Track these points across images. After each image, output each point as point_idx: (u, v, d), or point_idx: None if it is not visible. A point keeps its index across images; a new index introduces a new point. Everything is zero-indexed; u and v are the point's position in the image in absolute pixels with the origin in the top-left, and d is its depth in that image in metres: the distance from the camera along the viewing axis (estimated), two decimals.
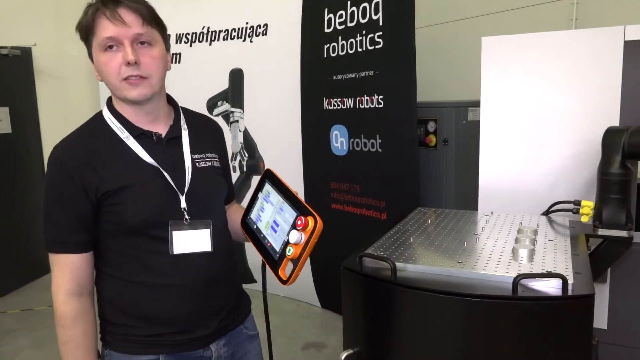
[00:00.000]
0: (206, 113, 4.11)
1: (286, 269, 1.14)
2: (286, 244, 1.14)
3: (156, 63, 1.23)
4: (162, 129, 1.30)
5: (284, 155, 3.81)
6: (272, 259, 1.18)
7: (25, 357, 3.33)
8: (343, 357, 1.30)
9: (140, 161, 1.23)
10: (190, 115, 1.40)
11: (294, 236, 1.11)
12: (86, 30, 1.21)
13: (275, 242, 1.19)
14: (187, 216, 1.25)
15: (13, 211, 4.43)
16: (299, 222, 1.11)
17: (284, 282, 1.14)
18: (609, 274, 2.06)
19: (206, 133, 1.41)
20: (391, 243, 1.47)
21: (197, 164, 1.31)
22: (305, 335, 3.49)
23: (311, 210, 1.12)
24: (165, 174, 1.24)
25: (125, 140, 1.24)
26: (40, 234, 1.26)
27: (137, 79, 1.20)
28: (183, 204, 1.25)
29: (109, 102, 1.30)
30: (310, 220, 1.10)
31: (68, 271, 1.22)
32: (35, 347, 3.45)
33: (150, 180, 1.23)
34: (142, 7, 1.21)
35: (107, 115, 1.27)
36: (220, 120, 4.10)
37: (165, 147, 1.28)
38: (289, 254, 1.12)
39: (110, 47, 1.19)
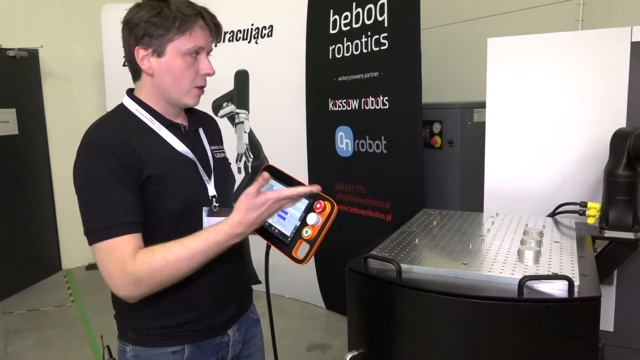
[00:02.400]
0: (212, 114, 4.13)
1: (299, 250, 1.22)
2: (299, 227, 1.22)
3: None
4: (183, 122, 1.35)
5: (289, 156, 3.81)
6: (283, 243, 1.24)
7: (31, 357, 3.35)
8: (348, 358, 1.30)
9: (174, 150, 1.27)
10: (194, 111, 1.45)
11: (312, 219, 1.20)
12: (171, 30, 1.21)
13: (284, 228, 1.25)
14: (215, 203, 1.30)
15: (20, 212, 4.46)
16: (319, 206, 1.21)
17: (299, 261, 1.21)
18: (616, 276, 2.05)
19: (211, 127, 1.48)
20: (396, 244, 1.47)
21: (215, 155, 1.38)
22: (310, 337, 3.49)
23: (327, 195, 1.22)
24: (198, 163, 1.29)
25: (157, 130, 1.27)
26: (51, 234, 1.23)
27: (202, 89, 1.31)
28: (212, 192, 1.31)
29: (131, 94, 1.31)
30: (328, 204, 1.20)
31: (127, 250, 1.13)
32: (41, 347, 3.46)
33: (186, 169, 1.28)
34: (219, 23, 1.30)
35: (134, 107, 1.28)
36: (225, 122, 4.11)
37: (192, 138, 1.33)
38: (306, 235, 1.20)
39: (193, 54, 1.25)
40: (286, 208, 1.25)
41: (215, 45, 1.35)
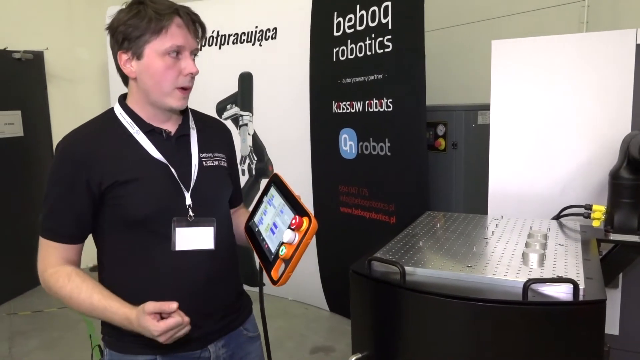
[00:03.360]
0: (215, 116, 4.14)
1: (279, 269, 1.15)
2: (281, 244, 1.14)
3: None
4: (171, 127, 1.32)
5: (293, 158, 3.82)
6: (267, 260, 1.19)
7: (35, 358, 3.36)
8: None
9: (148, 156, 1.25)
10: (200, 117, 1.42)
11: (288, 235, 1.11)
12: (147, 31, 1.20)
13: (272, 243, 1.21)
14: (191, 213, 1.27)
15: (24, 213, 4.47)
16: (293, 222, 1.12)
17: (274, 282, 1.14)
18: (621, 279, 2.04)
19: (215, 134, 1.44)
20: (400, 247, 1.47)
21: (204, 163, 1.33)
22: (313, 339, 3.48)
23: (307, 210, 1.13)
24: (172, 170, 1.26)
25: (134, 135, 1.26)
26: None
27: (188, 90, 1.27)
28: (188, 201, 1.27)
29: (122, 99, 1.32)
30: (305, 220, 1.10)
31: (56, 253, 1.25)
32: (45, 348, 3.48)
33: (157, 176, 1.25)
34: (202, 23, 1.28)
35: (119, 112, 1.29)
36: (229, 124, 4.12)
37: (174, 144, 1.30)
38: (281, 253, 1.12)
39: (173, 54, 1.22)
40: (277, 221, 1.22)
41: (200, 44, 1.30)
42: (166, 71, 1.22)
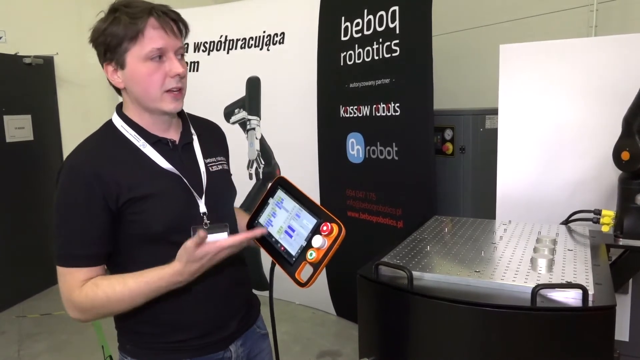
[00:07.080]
0: (223, 121, 4.15)
1: (303, 272, 1.18)
2: (304, 248, 1.18)
3: (186, 75, 1.27)
4: (174, 136, 1.31)
5: (300, 162, 3.82)
6: (287, 262, 1.22)
7: None
8: None
9: (159, 168, 1.24)
10: (195, 120, 1.41)
11: (318, 241, 1.16)
12: (124, 39, 1.17)
13: (290, 246, 1.22)
14: (206, 220, 1.27)
15: (33, 217, 4.51)
16: (325, 228, 1.16)
17: (302, 285, 1.18)
18: (631, 284, 2.02)
19: (212, 137, 1.43)
20: (408, 251, 1.46)
21: (210, 168, 1.33)
22: (320, 343, 3.48)
23: (335, 217, 1.17)
24: (185, 180, 1.25)
25: (141, 148, 1.24)
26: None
27: (178, 91, 1.23)
28: (202, 209, 1.27)
29: (119, 109, 1.30)
30: (335, 227, 1.15)
31: (82, 277, 1.19)
32: (53, 351, 3.49)
33: (171, 187, 1.24)
34: (182, 19, 1.24)
35: (120, 124, 1.26)
36: (237, 128, 4.13)
37: (180, 153, 1.29)
38: (310, 257, 1.16)
39: (156, 57, 1.19)
40: (293, 225, 1.23)
41: (185, 41, 1.26)
42: (151, 76, 1.19)
